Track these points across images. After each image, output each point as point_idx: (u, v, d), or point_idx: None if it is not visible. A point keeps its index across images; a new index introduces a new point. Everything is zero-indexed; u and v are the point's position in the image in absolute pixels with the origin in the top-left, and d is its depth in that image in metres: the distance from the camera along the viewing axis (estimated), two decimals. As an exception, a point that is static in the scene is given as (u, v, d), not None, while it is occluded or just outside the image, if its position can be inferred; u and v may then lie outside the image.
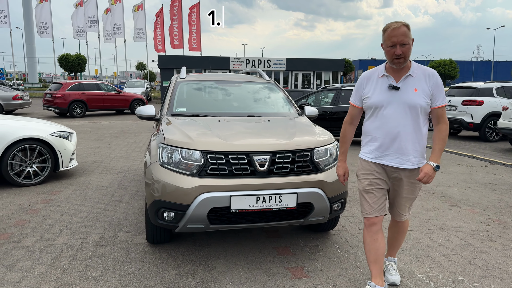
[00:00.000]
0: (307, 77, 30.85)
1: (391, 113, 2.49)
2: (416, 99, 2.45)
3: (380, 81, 2.54)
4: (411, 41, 2.41)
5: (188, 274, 3.00)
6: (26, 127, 5.58)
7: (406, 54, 2.40)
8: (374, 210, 2.61)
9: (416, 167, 2.55)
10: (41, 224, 4.03)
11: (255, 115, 3.96)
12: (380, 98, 2.52)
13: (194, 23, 38.12)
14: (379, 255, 2.61)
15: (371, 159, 2.62)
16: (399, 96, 2.47)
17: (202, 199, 2.87)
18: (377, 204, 2.61)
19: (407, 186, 2.61)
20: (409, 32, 2.39)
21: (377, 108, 2.55)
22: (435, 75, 2.50)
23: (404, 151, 2.52)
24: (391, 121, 2.50)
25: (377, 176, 2.61)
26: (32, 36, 56.97)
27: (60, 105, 16.78)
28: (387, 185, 2.64)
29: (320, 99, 11.16)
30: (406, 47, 2.38)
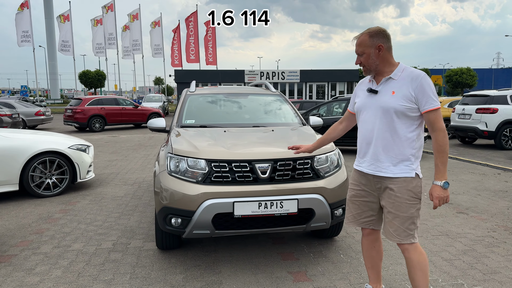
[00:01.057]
0: (321, 88, 30.98)
1: (367, 117, 2.44)
2: (391, 102, 2.31)
3: (367, 85, 2.50)
4: (373, 48, 2.33)
5: (194, 278, 3.14)
6: (46, 140, 5.88)
7: (365, 63, 2.38)
8: (356, 221, 2.60)
9: (397, 177, 2.35)
10: (59, 232, 4.25)
11: (260, 125, 4.12)
12: (360, 103, 2.50)
13: (210, 38, 38.93)
14: (375, 261, 2.67)
15: (355, 167, 2.59)
16: (376, 100, 2.39)
17: (206, 205, 3.02)
18: (360, 216, 2.58)
19: (391, 199, 2.37)
20: (369, 39, 2.34)
21: (358, 112, 2.53)
22: (419, 77, 2.29)
23: (378, 157, 2.40)
24: (366, 125, 2.46)
25: (362, 188, 2.55)
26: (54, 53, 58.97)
27: (80, 120, 17.33)
28: (375, 197, 2.51)
29: (332, 110, 11.26)
30: (363, 56, 2.37)
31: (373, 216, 2.55)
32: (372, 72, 2.41)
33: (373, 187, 2.48)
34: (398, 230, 2.37)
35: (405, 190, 2.34)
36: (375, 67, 2.37)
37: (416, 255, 2.38)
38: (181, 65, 38.39)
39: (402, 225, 2.36)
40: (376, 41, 2.32)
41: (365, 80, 2.55)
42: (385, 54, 2.35)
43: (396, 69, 2.36)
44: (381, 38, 2.33)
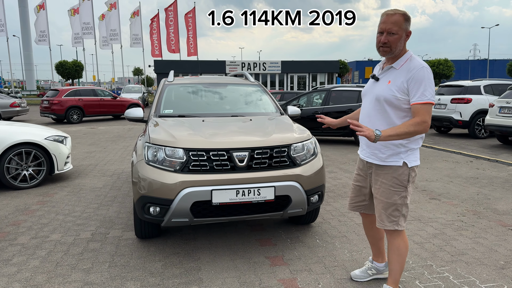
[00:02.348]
0: (302, 79, 31.14)
1: (365, 104, 2.51)
2: (384, 91, 2.33)
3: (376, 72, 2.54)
4: (406, 32, 2.30)
5: (173, 265, 3.19)
6: (22, 132, 5.78)
7: (392, 43, 2.28)
8: (350, 204, 2.80)
9: (384, 164, 2.41)
10: (36, 223, 4.21)
11: (239, 115, 4.16)
12: (364, 89, 2.57)
13: (190, 28, 38.42)
14: (376, 240, 2.85)
15: (358, 152, 2.69)
16: (374, 88, 2.43)
17: (184, 194, 3.06)
18: (353, 200, 2.76)
19: (377, 185, 2.46)
20: (404, 22, 2.28)
21: (362, 97, 2.60)
22: (415, 69, 2.26)
23: (369, 144, 2.46)
24: (363, 111, 2.53)
25: (358, 172, 2.70)
26: (29, 44, 57.27)
27: (57, 111, 16.98)
28: (367, 183, 2.61)
29: (312, 100, 11.38)
30: (394, 36, 2.27)
31: (365, 201, 2.67)
32: (392, 55, 2.35)
33: (366, 173, 2.59)
34: (382, 216, 2.46)
35: (390, 177, 2.40)
36: (398, 51, 2.33)
37: (397, 241, 2.48)
38: (161, 55, 37.85)
39: (385, 211, 2.43)
40: (407, 26, 2.31)
41: (377, 67, 2.57)
42: (406, 42, 2.35)
43: (400, 58, 2.35)
44: (409, 24, 2.32)
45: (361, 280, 2.89)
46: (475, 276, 2.98)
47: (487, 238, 3.73)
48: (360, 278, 2.89)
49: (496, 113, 9.44)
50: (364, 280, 2.89)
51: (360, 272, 2.91)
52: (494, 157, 8.07)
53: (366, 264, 2.94)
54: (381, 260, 2.90)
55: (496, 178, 6.21)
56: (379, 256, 2.89)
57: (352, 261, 3.24)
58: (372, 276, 2.91)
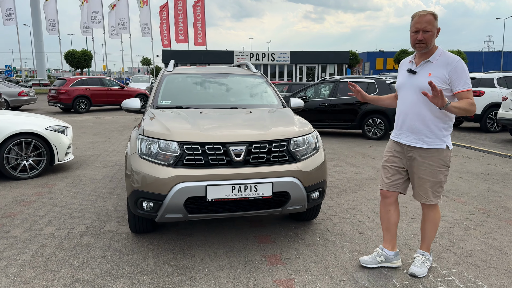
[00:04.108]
0: (311, 70, 30.77)
1: (405, 94, 2.77)
2: (427, 82, 2.54)
3: (407, 66, 2.81)
4: (436, 29, 2.62)
5: (166, 262, 3.08)
6: (22, 121, 5.70)
7: (427, 40, 2.61)
8: (385, 184, 2.93)
9: (430, 148, 2.70)
10: (32, 215, 4.14)
11: (238, 107, 4.01)
12: (400, 81, 2.83)
13: (199, 17, 38.15)
14: (390, 224, 2.96)
15: (392, 137, 2.92)
16: (414, 80, 2.71)
17: (178, 189, 2.94)
18: (389, 179, 2.91)
19: (423, 166, 2.73)
20: (435, 21, 2.60)
21: (398, 90, 2.88)
22: (455, 61, 2.60)
23: (414, 130, 2.74)
24: (404, 101, 2.79)
25: (394, 154, 2.89)
26: (40, 33, 57.47)
27: (64, 100, 16.97)
28: (404, 164, 2.84)
29: (319, 92, 11.15)
30: (428, 34, 2.60)
31: (400, 180, 2.88)
32: (427, 49, 2.66)
33: (404, 155, 2.83)
34: (428, 193, 2.77)
35: (437, 159, 2.72)
36: (431, 46, 2.66)
37: (433, 212, 2.84)
38: (170, 45, 37.69)
39: (432, 188, 2.76)
40: (437, 24, 2.64)
41: (406, 61, 2.87)
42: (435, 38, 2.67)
43: (434, 53, 2.67)
44: (437, 23, 2.64)
45: (369, 265, 2.96)
46: (483, 280, 2.82)
47: (496, 238, 3.55)
48: (369, 263, 2.97)
49: (509, 107, 9.14)
50: (371, 266, 2.96)
51: (369, 258, 2.99)
52: (506, 153, 7.81)
53: (376, 251, 3.00)
54: (391, 248, 2.96)
55: (508, 175, 5.98)
56: (391, 242, 2.97)
57: (352, 261, 3.10)
58: (380, 263, 2.96)
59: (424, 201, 2.81)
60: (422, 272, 2.84)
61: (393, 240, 2.98)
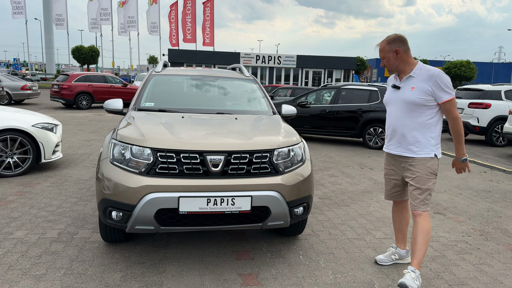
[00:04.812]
0: (317, 75, 30.51)
1: (392, 108, 2.94)
2: (410, 95, 2.78)
3: (392, 82, 3.01)
4: (393, 52, 2.83)
5: (134, 277, 2.87)
6: (8, 118, 5.54)
7: (387, 65, 2.90)
8: (388, 195, 3.18)
9: (419, 157, 2.82)
10: (6, 217, 3.96)
11: (224, 112, 3.80)
12: (387, 97, 3.02)
13: (208, 17, 38.05)
14: (402, 225, 3.21)
15: (384, 149, 3.10)
16: (398, 94, 2.88)
17: (148, 200, 2.74)
18: (390, 191, 3.14)
19: (413, 175, 2.86)
20: (387, 45, 2.84)
21: (386, 105, 3.04)
22: (435, 74, 2.73)
23: (402, 141, 2.89)
24: (391, 115, 2.96)
25: (391, 168, 3.06)
26: (51, 28, 57.80)
27: (66, 96, 16.89)
28: (399, 175, 3.01)
29: (321, 98, 10.92)
30: (385, 60, 2.89)
31: (399, 191, 3.10)
32: (394, 72, 2.93)
33: (399, 167, 2.99)
34: (417, 200, 2.87)
35: (424, 167, 2.83)
36: (396, 67, 2.88)
37: (424, 221, 2.89)
38: (178, 45, 37.59)
39: (421, 195, 2.86)
40: (393, 47, 2.82)
41: (391, 78, 3.06)
42: (402, 56, 2.84)
43: (415, 68, 2.82)
44: (397, 43, 2.82)
45: (385, 263, 3.20)
46: (474, 313, 2.58)
47: (492, 265, 3.31)
48: (384, 262, 3.21)
49: (516, 121, 8.84)
50: (387, 264, 3.20)
51: (384, 257, 3.23)
52: (510, 169, 7.53)
53: (389, 250, 3.26)
54: (403, 247, 3.23)
55: (510, 193, 5.72)
56: (402, 242, 3.22)
57: (334, 285, 2.87)
58: (394, 261, 3.22)
59: (414, 209, 2.91)
60: (413, 286, 2.70)
61: (405, 239, 3.22)
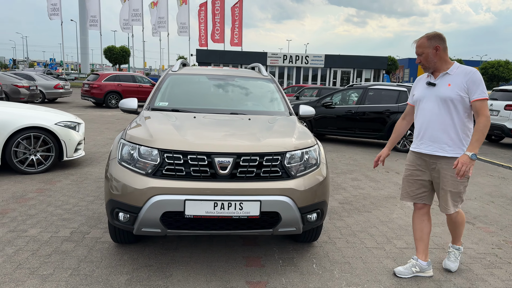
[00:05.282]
0: (346, 75, 29.94)
1: (426, 105, 2.87)
2: (448, 92, 2.75)
3: (425, 80, 2.94)
4: (432, 48, 2.78)
5: (139, 281, 2.80)
6: (31, 115, 5.65)
7: (424, 62, 2.84)
8: (409, 196, 3.04)
9: (452, 156, 2.76)
10: (23, 214, 4.01)
11: (238, 113, 3.68)
12: (419, 94, 2.94)
13: (237, 18, 38.17)
14: (423, 234, 3.04)
15: (412, 149, 3.00)
16: (434, 91, 2.83)
17: (154, 202, 2.66)
18: (413, 192, 3.01)
19: (446, 178, 2.81)
20: (427, 41, 2.79)
21: (417, 101, 2.96)
22: (471, 72, 2.74)
23: (435, 139, 2.82)
24: (425, 112, 2.88)
25: (417, 168, 2.97)
26: (85, 28, 59.77)
27: (96, 95, 17.31)
28: (428, 176, 2.93)
29: (347, 98, 10.64)
30: (423, 56, 2.82)
31: (425, 192, 2.99)
32: (431, 69, 2.86)
33: (427, 167, 2.92)
34: (448, 203, 2.86)
35: None
36: (433, 64, 2.83)
37: (456, 218, 2.99)
38: (207, 45, 37.89)
39: (452, 198, 2.85)
40: (433, 43, 2.79)
41: (423, 77, 3.01)
42: (441, 53, 2.80)
43: (452, 66, 2.81)
44: (438, 40, 2.79)
45: (404, 276, 2.99)
46: (501, 337, 2.34)
47: (525, 282, 3.03)
48: (404, 274, 3.00)
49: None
50: (406, 276, 2.99)
51: (404, 269, 3.02)
52: (550, 175, 7.02)
53: (410, 261, 3.04)
54: (424, 258, 3.02)
55: (548, 202, 5.30)
56: (423, 253, 3.02)
57: (347, 297, 2.70)
58: (415, 273, 3.01)
59: (446, 212, 2.90)
60: (455, 267, 3.10)
61: (426, 250, 3.04)
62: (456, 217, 2.99)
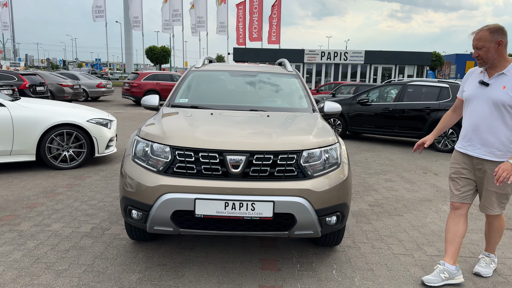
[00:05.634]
0: (387, 71, 28.94)
1: (476, 107, 2.70)
2: (501, 95, 2.57)
3: (478, 77, 2.75)
4: (494, 43, 2.56)
5: (150, 280, 2.75)
6: (64, 113, 5.82)
7: (483, 56, 2.61)
8: (457, 196, 2.86)
9: (500, 160, 2.63)
10: (50, 208, 4.10)
11: (258, 109, 3.55)
12: (470, 92, 2.76)
13: (275, 15, 37.97)
14: (456, 236, 2.85)
15: (458, 148, 2.87)
16: (486, 92, 2.65)
17: (164, 200, 2.59)
18: (460, 191, 2.85)
19: (492, 179, 2.66)
20: (490, 35, 2.55)
21: (467, 100, 2.80)
22: None
23: (485, 143, 2.68)
24: (475, 114, 2.71)
25: (463, 166, 2.84)
26: (130, 30, 61.92)
27: (136, 93, 17.80)
28: (473, 175, 2.81)
29: (384, 95, 10.20)
30: (483, 50, 2.60)
31: (471, 191, 2.85)
32: (488, 65, 2.65)
33: (473, 167, 2.80)
34: (493, 204, 2.77)
35: None
36: (493, 60, 2.61)
37: (498, 222, 2.89)
38: (244, 44, 38.01)
39: (498, 199, 2.76)
40: (496, 37, 2.56)
41: (476, 71, 2.80)
42: (502, 49, 2.59)
43: (509, 65, 2.60)
44: (501, 34, 2.57)
45: (434, 284, 2.79)
46: None
47: None
48: (433, 282, 2.80)
49: None
50: (436, 284, 2.78)
51: (432, 276, 2.83)
52: None
53: (437, 267, 2.86)
54: (453, 262, 2.84)
55: None
56: (452, 257, 2.85)
57: (366, 308, 2.50)
58: (445, 280, 2.80)
59: (488, 212, 2.81)
60: (487, 273, 2.93)
61: (456, 254, 2.88)
62: (496, 221, 2.88)
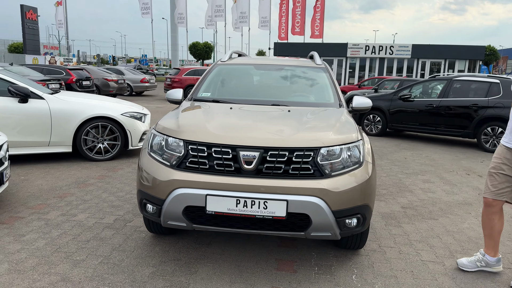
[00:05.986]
0: (436, 66, 27.53)
1: None
2: None
3: None
4: None
5: (162, 275, 2.73)
6: (100, 106, 5.99)
7: None
8: (491, 192, 2.76)
9: None
10: (79, 199, 4.22)
11: (280, 104, 3.42)
12: None
13: (318, 9, 37.30)
14: (494, 232, 2.80)
15: (504, 143, 2.75)
16: None
17: (176, 195, 2.55)
18: (495, 187, 2.74)
19: None
20: None
21: None
22: None
23: None
24: None
25: (503, 162, 2.72)
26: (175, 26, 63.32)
27: (177, 88, 18.15)
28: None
29: (428, 90, 9.65)
30: None
31: (508, 188, 2.72)
32: None
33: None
34: None
35: None
36: None
37: None
38: (286, 38, 37.65)
39: None
40: None
41: None
42: None
43: None
44: None
45: (467, 269, 2.85)
46: None
47: None
48: (467, 267, 2.86)
49: None
50: (470, 270, 2.85)
51: (467, 262, 2.87)
52: None
53: (476, 255, 2.87)
54: (493, 254, 2.83)
55: None
56: (493, 249, 2.83)
57: (384, 319, 2.32)
58: (479, 267, 2.84)
59: None
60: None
61: (496, 246, 2.83)
62: None
